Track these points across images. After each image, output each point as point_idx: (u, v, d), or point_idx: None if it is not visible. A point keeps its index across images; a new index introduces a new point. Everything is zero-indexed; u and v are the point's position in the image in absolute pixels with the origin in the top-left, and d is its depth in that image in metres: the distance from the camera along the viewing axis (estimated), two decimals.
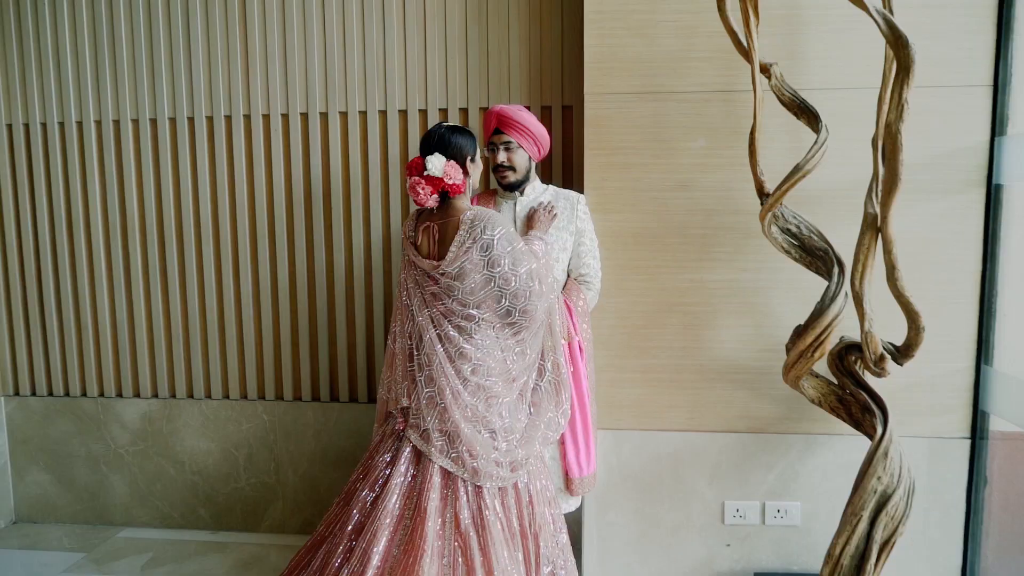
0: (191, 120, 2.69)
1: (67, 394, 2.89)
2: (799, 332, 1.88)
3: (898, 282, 1.74)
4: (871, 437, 1.87)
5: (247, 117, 2.66)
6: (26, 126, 2.77)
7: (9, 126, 2.78)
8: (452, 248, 1.81)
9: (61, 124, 2.75)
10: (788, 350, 1.93)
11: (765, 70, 1.88)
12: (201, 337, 2.78)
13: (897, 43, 1.64)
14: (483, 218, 1.80)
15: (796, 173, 1.77)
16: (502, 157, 2.04)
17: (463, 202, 1.89)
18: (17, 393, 2.91)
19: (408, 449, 1.87)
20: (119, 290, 2.80)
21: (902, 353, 1.85)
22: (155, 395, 2.84)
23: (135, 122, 2.71)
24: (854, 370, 1.98)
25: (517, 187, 2.10)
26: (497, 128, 2.05)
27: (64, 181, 2.78)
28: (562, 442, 2.05)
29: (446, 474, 1.83)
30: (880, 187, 1.77)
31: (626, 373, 2.27)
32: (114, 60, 2.69)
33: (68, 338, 2.85)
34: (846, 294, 1.83)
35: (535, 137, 2.05)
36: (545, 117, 2.51)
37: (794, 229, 1.93)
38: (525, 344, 1.89)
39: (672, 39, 2.13)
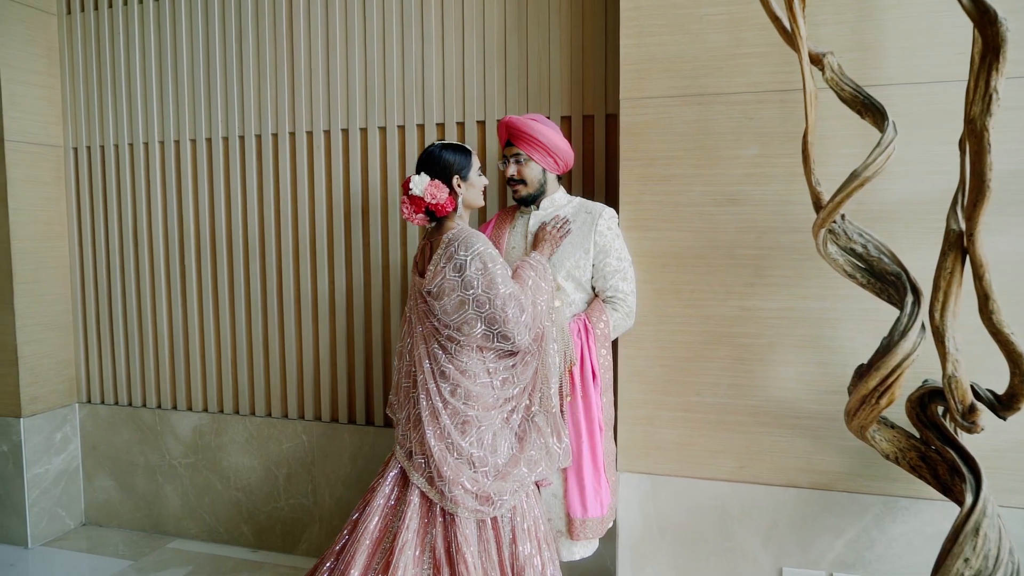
0: (242, 139, 2.74)
1: (130, 404, 3.00)
2: (861, 373, 1.56)
3: (993, 315, 1.39)
4: (961, 506, 1.51)
5: (292, 134, 2.67)
6: (102, 148, 2.94)
7: (88, 148, 2.96)
8: (430, 267, 1.78)
9: (131, 145, 2.89)
10: (850, 392, 1.61)
11: (817, 61, 1.59)
12: (247, 353, 2.80)
13: (983, 19, 1.33)
14: (458, 238, 1.74)
15: (853, 181, 1.47)
16: (512, 170, 1.92)
17: (454, 221, 1.84)
18: (89, 400, 3.07)
19: (395, 471, 1.84)
20: (176, 304, 2.88)
21: (1004, 404, 1.48)
22: (205, 409, 2.89)
23: (193, 142, 2.81)
24: (940, 422, 1.62)
25: (532, 201, 1.94)
26: (509, 140, 1.91)
27: (132, 200, 2.92)
28: (565, 479, 1.86)
29: (426, 499, 1.77)
30: (966, 197, 1.44)
31: (665, 411, 2.00)
32: (176, 85, 2.80)
33: (132, 350, 2.97)
34: (923, 327, 1.49)
35: (548, 149, 1.88)
36: (588, 127, 2.31)
37: (859, 249, 1.61)
38: (516, 370, 1.79)
39: (718, 34, 1.88)
